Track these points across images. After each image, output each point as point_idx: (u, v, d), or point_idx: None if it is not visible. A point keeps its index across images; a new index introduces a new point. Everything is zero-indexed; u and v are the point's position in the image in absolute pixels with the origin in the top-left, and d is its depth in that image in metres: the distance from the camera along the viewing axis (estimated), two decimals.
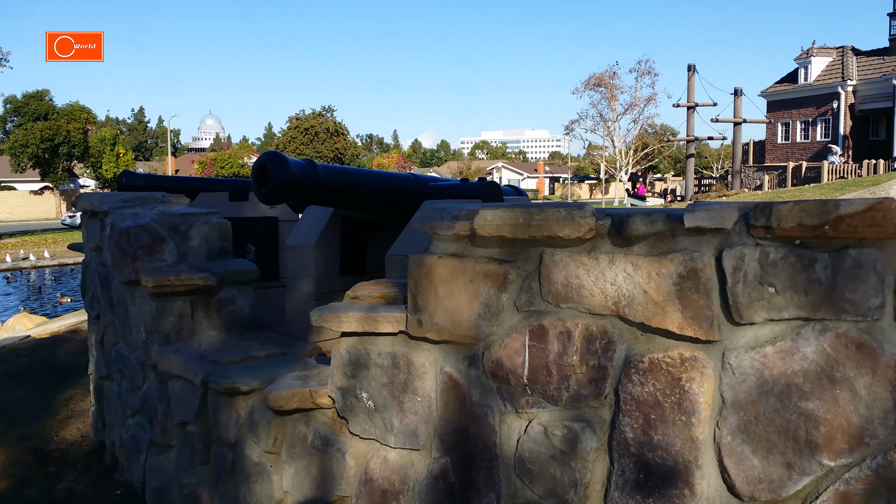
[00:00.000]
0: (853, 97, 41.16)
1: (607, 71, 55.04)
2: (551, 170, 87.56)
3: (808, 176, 34.38)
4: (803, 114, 43.42)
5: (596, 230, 2.29)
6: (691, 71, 33.84)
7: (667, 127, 68.64)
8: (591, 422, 2.33)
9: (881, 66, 40.48)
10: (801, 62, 43.87)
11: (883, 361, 1.97)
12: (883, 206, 1.93)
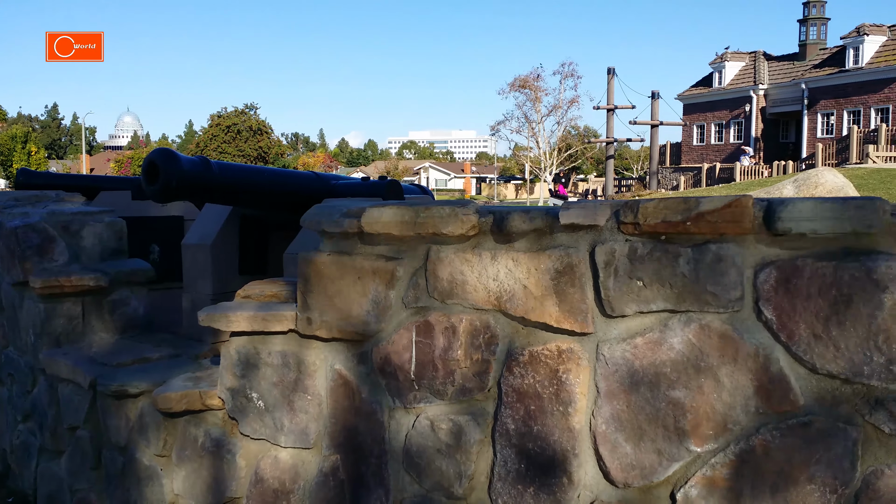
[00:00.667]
0: (764, 101, 42.95)
1: (532, 73, 55.76)
2: (478, 170, 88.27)
3: (721, 176, 35.73)
4: (717, 116, 45.07)
5: (479, 227, 2.33)
6: (611, 74, 34.70)
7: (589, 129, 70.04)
8: (476, 415, 2.38)
9: (791, 70, 42.38)
10: (715, 67, 45.49)
11: (743, 351, 2.08)
12: (740, 203, 2.03)
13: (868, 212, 1.93)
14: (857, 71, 37.64)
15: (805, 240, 2.01)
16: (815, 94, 39.86)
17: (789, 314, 2.03)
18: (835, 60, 39.81)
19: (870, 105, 37.24)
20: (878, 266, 1.94)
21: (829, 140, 36.75)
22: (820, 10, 42.70)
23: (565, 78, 54.66)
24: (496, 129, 58.34)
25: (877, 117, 36.38)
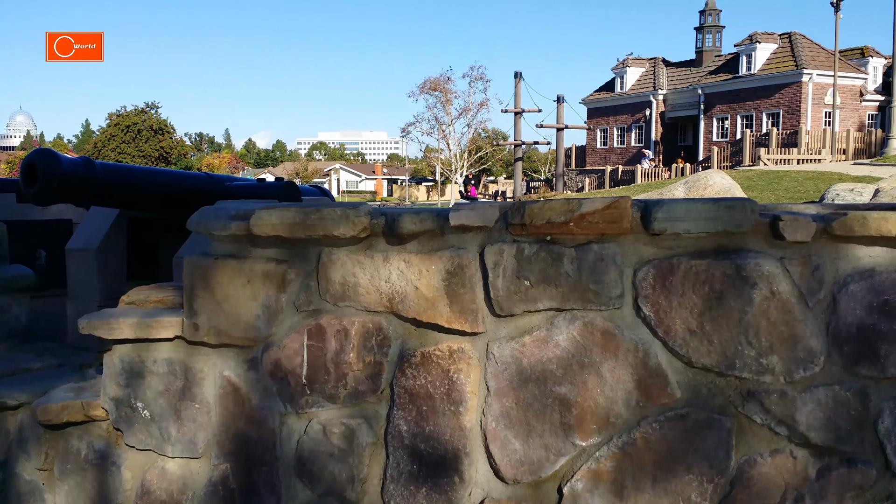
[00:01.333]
0: (664, 105, 44.59)
1: (442, 76, 56.08)
2: (389, 171, 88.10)
3: (624, 178, 36.88)
4: (619, 120, 46.50)
5: (371, 229, 2.32)
6: (518, 78, 35.28)
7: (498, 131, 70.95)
8: (369, 417, 2.37)
9: (688, 76, 44.15)
10: (617, 72, 46.90)
11: (624, 346, 2.15)
12: (619, 204, 2.10)
13: (737, 212, 2.03)
14: (750, 77, 39.59)
15: (680, 239, 2.09)
16: (710, 99, 41.70)
17: (666, 311, 2.11)
18: (729, 67, 41.75)
19: (762, 110, 39.23)
20: (748, 263, 2.05)
21: (723, 143, 38.49)
22: (715, 19, 44.71)
23: (475, 81, 55.25)
24: (407, 130, 58.41)
25: (768, 122, 38.37)
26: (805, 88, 37.07)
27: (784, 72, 37.82)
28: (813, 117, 36.83)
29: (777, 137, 32.98)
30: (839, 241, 2.04)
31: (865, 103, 38.87)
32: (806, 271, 2.04)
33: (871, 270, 2.03)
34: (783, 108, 37.89)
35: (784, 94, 37.96)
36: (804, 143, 31.62)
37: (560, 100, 35.86)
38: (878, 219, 1.98)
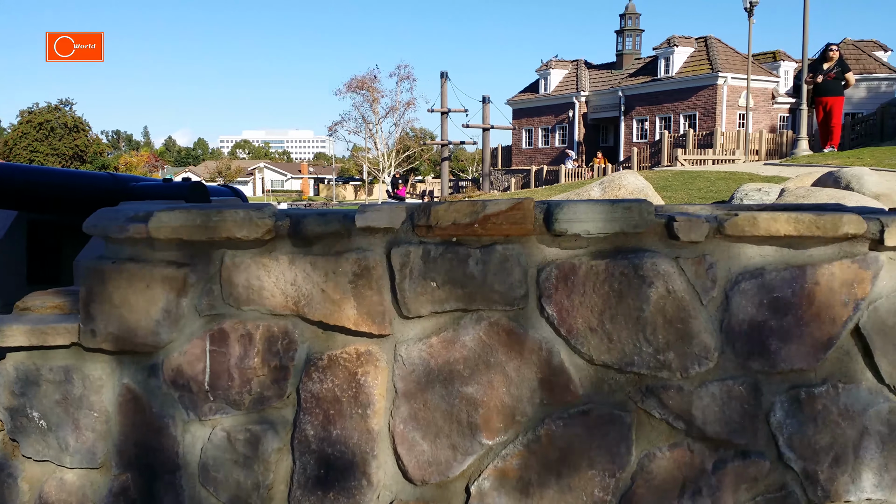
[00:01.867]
0: (586, 107, 45.52)
1: (368, 74, 55.82)
2: (316, 171, 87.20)
3: (548, 178, 37.51)
4: (544, 121, 47.24)
5: (276, 231, 2.28)
6: (444, 78, 35.43)
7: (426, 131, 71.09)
8: (275, 423, 2.33)
9: (609, 78, 45.20)
10: (541, 73, 47.62)
11: (528, 346, 2.18)
12: (523, 205, 2.13)
13: (634, 213, 2.08)
14: (668, 80, 40.81)
15: (581, 240, 2.13)
16: (630, 101, 42.79)
17: (568, 310, 2.15)
18: (648, 70, 42.93)
19: (679, 112, 40.49)
20: (644, 263, 2.11)
21: (643, 144, 39.57)
22: (635, 22, 45.89)
23: (401, 80, 55.20)
24: (333, 129, 57.96)
25: (685, 123, 39.63)
26: (720, 91, 38.46)
27: (700, 75, 39.14)
28: (728, 119, 38.25)
29: (694, 138, 34.10)
30: (731, 241, 2.11)
31: (777, 106, 40.59)
32: (700, 270, 2.11)
33: (762, 269, 2.11)
34: (699, 110, 39.21)
35: (700, 97, 39.29)
36: (719, 144, 32.78)
37: (486, 100, 36.19)
38: (767, 219, 2.06)
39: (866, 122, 29.04)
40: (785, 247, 2.11)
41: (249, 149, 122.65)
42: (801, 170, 11.09)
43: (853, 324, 2.10)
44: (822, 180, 7.67)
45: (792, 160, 15.27)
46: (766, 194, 7.40)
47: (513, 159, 48.67)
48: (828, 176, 7.49)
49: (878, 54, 40.95)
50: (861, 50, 40.13)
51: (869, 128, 28.43)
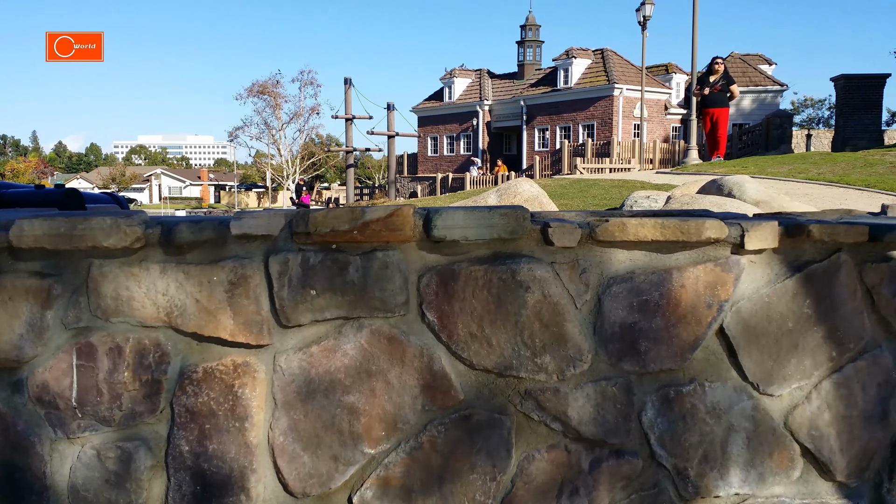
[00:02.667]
0: (490, 115, 46.20)
1: (271, 79, 54.85)
2: (216, 177, 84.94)
3: (454, 185, 37.85)
4: (449, 129, 47.65)
5: (146, 240, 2.20)
6: (348, 84, 35.22)
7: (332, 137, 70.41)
8: (147, 439, 2.24)
9: (511, 88, 46.03)
10: (445, 82, 48.02)
11: (410, 352, 2.17)
12: (401, 212, 2.12)
13: (510, 219, 2.11)
14: (567, 90, 41.92)
15: (460, 246, 2.15)
16: (532, 110, 43.72)
17: (449, 316, 2.16)
18: (548, 80, 43.99)
19: (578, 122, 41.65)
20: (521, 268, 2.14)
21: (545, 153, 40.48)
22: (535, 34, 46.94)
23: (305, 86, 54.63)
24: (235, 135, 56.69)
25: (584, 133, 40.80)
26: (616, 102, 39.81)
27: (597, 86, 40.41)
28: (624, 129, 39.62)
29: (592, 148, 35.13)
30: (603, 246, 2.17)
31: (670, 116, 42.35)
32: (574, 274, 2.16)
33: (632, 273, 2.18)
34: (597, 121, 40.46)
35: (598, 107, 40.55)
36: (616, 153, 33.90)
37: (390, 107, 36.18)
38: (635, 225, 2.13)
39: (753, 132, 30.68)
40: (653, 251, 2.19)
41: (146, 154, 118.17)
42: (689, 178, 11.60)
43: (718, 324, 2.19)
44: (706, 188, 8.04)
45: (682, 169, 15.95)
46: (654, 201, 7.70)
47: (419, 166, 48.84)
48: (712, 184, 7.86)
49: (764, 68, 43.39)
50: (748, 63, 42.41)
51: (755, 138, 30.05)
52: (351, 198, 38.25)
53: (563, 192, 11.48)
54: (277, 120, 55.09)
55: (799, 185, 10.65)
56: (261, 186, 70.48)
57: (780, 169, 12.70)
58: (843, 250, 2.21)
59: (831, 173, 11.75)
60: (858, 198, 9.31)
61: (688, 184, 9.40)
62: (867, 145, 23.88)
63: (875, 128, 27.78)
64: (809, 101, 66.40)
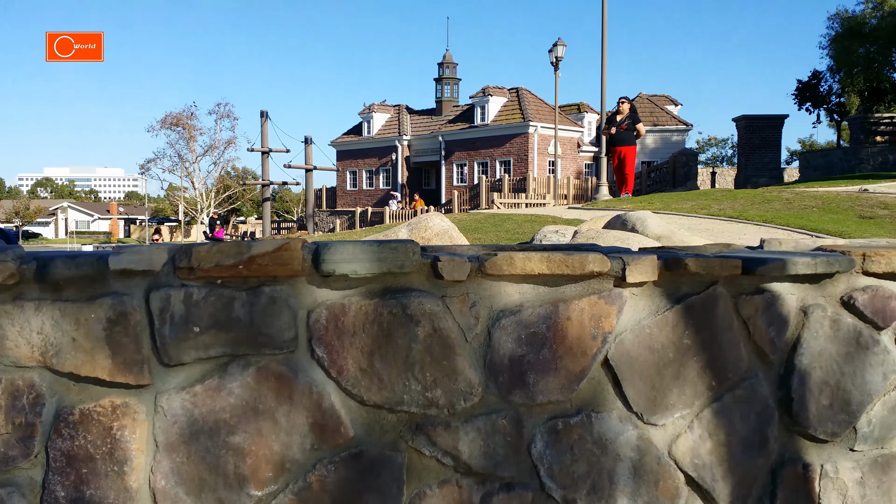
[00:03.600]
0: (409, 150, 46.54)
1: (185, 111, 53.83)
2: (127, 211, 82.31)
3: (373, 220, 37.80)
4: (368, 163, 47.71)
5: (20, 275, 2.10)
6: (264, 117, 34.90)
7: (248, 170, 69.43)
8: (21, 485, 2.11)
9: (430, 124, 46.58)
10: (364, 117, 48.20)
11: (299, 390, 2.13)
12: (290, 246, 2.10)
13: (400, 253, 2.12)
14: (484, 127, 42.71)
15: (350, 280, 2.14)
16: (450, 146, 44.29)
17: (339, 351, 2.14)
18: (466, 117, 44.73)
19: (495, 158, 42.41)
20: (412, 302, 2.14)
21: (463, 188, 40.97)
22: (453, 71, 47.77)
23: (221, 118, 53.73)
24: (146, 167, 55.23)
25: (501, 168, 41.55)
26: (531, 139, 40.78)
27: (513, 123, 41.33)
28: (539, 165, 40.57)
29: (509, 183, 35.78)
30: (492, 280, 2.20)
31: (583, 153, 43.63)
32: (464, 308, 2.18)
33: (521, 306, 2.21)
34: (513, 157, 41.31)
35: (514, 144, 41.43)
36: (532, 188, 34.62)
37: (308, 141, 35.98)
38: (523, 259, 2.17)
39: (660, 169, 31.91)
40: (541, 284, 2.23)
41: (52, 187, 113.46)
42: (598, 213, 11.93)
43: (602, 356, 2.25)
44: (612, 223, 8.27)
45: (593, 204, 16.40)
46: (562, 235, 7.88)
47: (338, 200, 48.62)
48: (616, 219, 8.09)
49: (670, 108, 45.34)
50: (655, 104, 44.24)
51: (663, 175, 31.26)
52: (267, 232, 37.65)
53: (477, 227, 11.61)
54: (191, 152, 54.00)
55: (701, 221, 11.10)
56: (173, 220, 68.61)
57: (683, 205, 13.21)
58: (720, 283, 2.31)
59: (731, 209, 12.29)
60: (756, 232, 9.76)
61: (595, 219, 9.66)
62: (768, 182, 25.19)
63: (775, 166, 29.36)
64: (714, 141, 69.67)
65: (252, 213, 68.53)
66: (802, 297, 2.39)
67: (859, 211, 11.32)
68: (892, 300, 2.46)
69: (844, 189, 15.32)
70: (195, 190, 54.47)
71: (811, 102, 33.78)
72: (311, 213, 38.43)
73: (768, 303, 2.33)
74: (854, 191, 14.43)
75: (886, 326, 2.47)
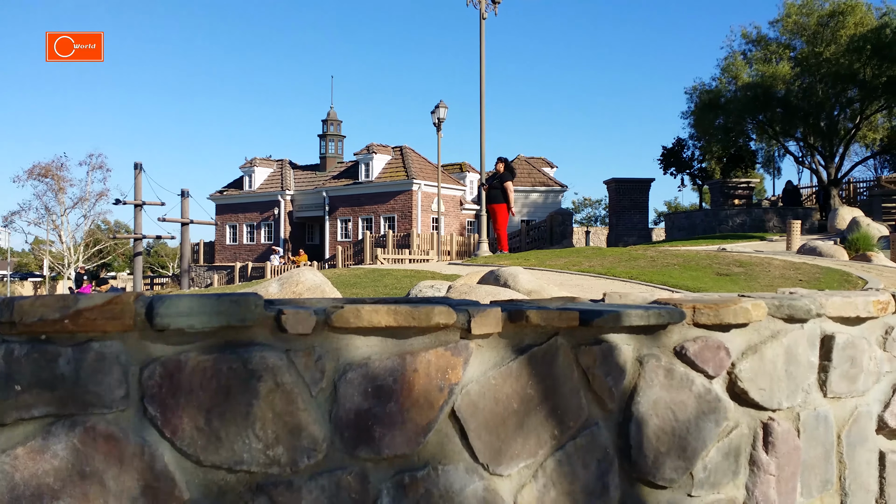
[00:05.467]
0: (292, 205, 46.04)
1: (55, 161, 51.24)
2: None
3: (254, 275, 36.87)
4: (249, 218, 46.80)
5: None
6: (138, 169, 33.70)
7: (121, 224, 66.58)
8: None
9: (314, 179, 46.38)
10: (245, 171, 47.46)
11: (129, 451, 2.02)
12: (120, 300, 2.01)
13: (241, 306, 2.07)
14: (369, 183, 42.95)
15: (187, 335, 2.06)
16: (334, 201, 44.18)
17: (174, 410, 2.05)
18: (350, 173, 44.88)
19: (380, 214, 42.61)
20: (254, 357, 2.09)
21: (347, 243, 40.84)
22: (337, 128, 48.01)
23: (93, 169, 51.45)
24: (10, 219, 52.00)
25: (385, 224, 41.75)
26: (415, 196, 41.32)
27: (397, 180, 41.82)
28: (423, 221, 41.07)
29: (393, 239, 35.96)
30: (339, 333, 2.19)
31: (465, 211, 44.55)
32: (310, 362, 2.14)
33: (368, 359, 2.20)
34: (398, 213, 41.65)
35: (398, 201, 41.83)
36: (416, 244, 34.92)
37: (185, 194, 34.91)
38: (369, 311, 2.17)
39: (539, 228, 33.01)
40: (389, 337, 2.23)
41: None
42: (475, 269, 12.14)
43: (449, 407, 2.26)
44: (485, 278, 8.44)
45: (473, 260, 16.69)
46: (437, 290, 7.95)
47: (216, 255, 47.23)
48: (490, 274, 8.27)
49: (547, 170, 47.22)
50: (532, 165, 45.98)
51: (541, 233, 32.34)
52: (139, 287, 35.96)
53: (356, 282, 11.54)
54: (60, 205, 51.31)
55: (572, 277, 11.50)
56: (38, 275, 64.50)
57: (557, 261, 13.66)
58: (560, 334, 2.39)
59: (601, 266, 12.82)
60: (622, 287, 10.20)
61: (471, 274, 9.83)
62: (637, 241, 26.52)
63: (643, 226, 30.99)
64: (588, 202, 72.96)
65: (124, 269, 65.44)
66: (638, 347, 2.51)
67: (717, 268, 12.06)
68: (720, 350, 2.62)
69: (705, 248, 16.34)
70: (62, 244, 51.64)
71: (675, 167, 36.06)
72: (187, 268, 37.04)
73: (605, 353, 2.43)
74: (713, 250, 15.41)
75: (717, 375, 2.63)
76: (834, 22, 26.52)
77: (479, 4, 19.24)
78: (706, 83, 30.35)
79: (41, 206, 51.08)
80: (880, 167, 38.10)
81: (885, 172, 36.33)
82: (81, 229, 52.21)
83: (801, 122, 28.06)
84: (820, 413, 2.91)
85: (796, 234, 16.51)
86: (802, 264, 12.00)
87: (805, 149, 30.15)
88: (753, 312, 2.66)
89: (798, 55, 27.87)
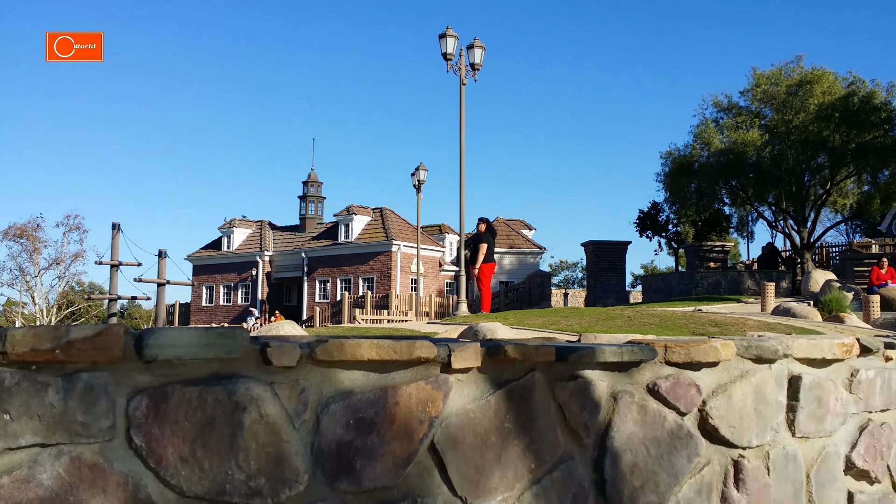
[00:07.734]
0: (270, 266, 45.91)
1: (31, 222, 50.92)
2: None
3: None
4: (227, 279, 46.54)
5: None
6: (115, 230, 33.60)
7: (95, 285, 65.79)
8: None
9: (293, 240, 46.41)
10: (224, 231, 47.43)
11: (113, 481, 2.05)
12: (111, 331, 2.07)
13: (228, 339, 2.14)
14: (348, 244, 43.06)
15: (174, 366, 2.12)
16: (313, 262, 44.16)
17: (159, 440, 2.09)
18: (329, 234, 45.01)
19: (359, 274, 42.59)
20: (238, 388, 2.15)
21: (325, 304, 40.66)
22: (317, 190, 48.34)
23: (70, 230, 51.13)
24: None
25: (364, 285, 41.69)
26: (395, 257, 41.44)
27: (377, 241, 41.98)
28: (402, 282, 41.08)
29: (372, 299, 35.92)
30: (323, 366, 2.25)
31: (444, 272, 44.68)
32: (293, 394, 2.20)
33: (350, 391, 2.27)
34: (377, 274, 41.67)
35: (377, 262, 41.91)
36: (395, 305, 34.88)
37: (162, 254, 34.76)
38: (353, 345, 2.25)
39: (518, 289, 33.16)
40: (372, 371, 2.30)
41: None
42: (455, 326, 12.19)
43: (429, 440, 2.31)
44: (464, 333, 8.51)
45: (450, 319, 16.73)
46: None
47: (192, 316, 46.75)
48: (469, 329, 8.34)
49: (525, 232, 47.66)
50: (511, 228, 46.42)
51: (520, 294, 32.48)
52: None
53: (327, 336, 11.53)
54: (35, 265, 50.79)
55: (551, 335, 11.58)
56: None
57: (535, 320, 13.75)
58: (538, 369, 2.47)
59: (578, 325, 12.92)
60: None
61: (450, 330, 9.89)
62: (614, 303, 26.70)
63: (620, 288, 31.24)
64: (565, 264, 73.50)
65: None
66: (612, 383, 2.59)
67: (693, 328, 12.21)
68: (691, 388, 2.71)
69: (681, 309, 16.51)
70: (35, 305, 50.91)
71: (651, 230, 36.59)
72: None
73: (581, 388, 2.51)
74: (689, 310, 15.59)
75: (688, 412, 2.71)
76: (802, 91, 27.43)
77: (458, 71, 19.78)
78: (680, 149, 31.10)
79: (15, 267, 50.51)
80: (852, 232, 38.99)
81: (856, 237, 37.18)
82: (55, 290, 51.58)
83: (772, 188, 28.72)
84: (789, 452, 2.99)
85: (771, 296, 16.75)
86: (777, 324, 12.20)
87: (778, 213, 30.82)
88: (723, 352, 2.76)
89: (768, 122, 28.73)
